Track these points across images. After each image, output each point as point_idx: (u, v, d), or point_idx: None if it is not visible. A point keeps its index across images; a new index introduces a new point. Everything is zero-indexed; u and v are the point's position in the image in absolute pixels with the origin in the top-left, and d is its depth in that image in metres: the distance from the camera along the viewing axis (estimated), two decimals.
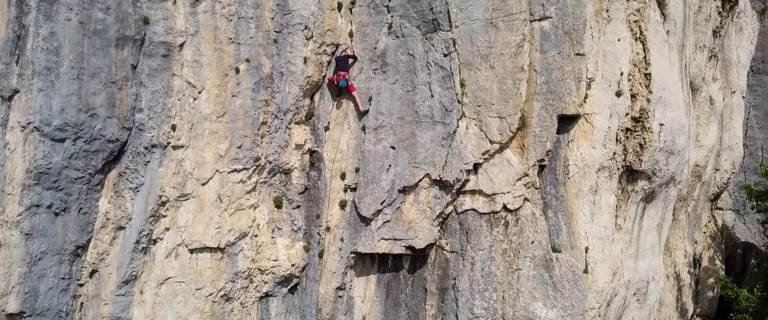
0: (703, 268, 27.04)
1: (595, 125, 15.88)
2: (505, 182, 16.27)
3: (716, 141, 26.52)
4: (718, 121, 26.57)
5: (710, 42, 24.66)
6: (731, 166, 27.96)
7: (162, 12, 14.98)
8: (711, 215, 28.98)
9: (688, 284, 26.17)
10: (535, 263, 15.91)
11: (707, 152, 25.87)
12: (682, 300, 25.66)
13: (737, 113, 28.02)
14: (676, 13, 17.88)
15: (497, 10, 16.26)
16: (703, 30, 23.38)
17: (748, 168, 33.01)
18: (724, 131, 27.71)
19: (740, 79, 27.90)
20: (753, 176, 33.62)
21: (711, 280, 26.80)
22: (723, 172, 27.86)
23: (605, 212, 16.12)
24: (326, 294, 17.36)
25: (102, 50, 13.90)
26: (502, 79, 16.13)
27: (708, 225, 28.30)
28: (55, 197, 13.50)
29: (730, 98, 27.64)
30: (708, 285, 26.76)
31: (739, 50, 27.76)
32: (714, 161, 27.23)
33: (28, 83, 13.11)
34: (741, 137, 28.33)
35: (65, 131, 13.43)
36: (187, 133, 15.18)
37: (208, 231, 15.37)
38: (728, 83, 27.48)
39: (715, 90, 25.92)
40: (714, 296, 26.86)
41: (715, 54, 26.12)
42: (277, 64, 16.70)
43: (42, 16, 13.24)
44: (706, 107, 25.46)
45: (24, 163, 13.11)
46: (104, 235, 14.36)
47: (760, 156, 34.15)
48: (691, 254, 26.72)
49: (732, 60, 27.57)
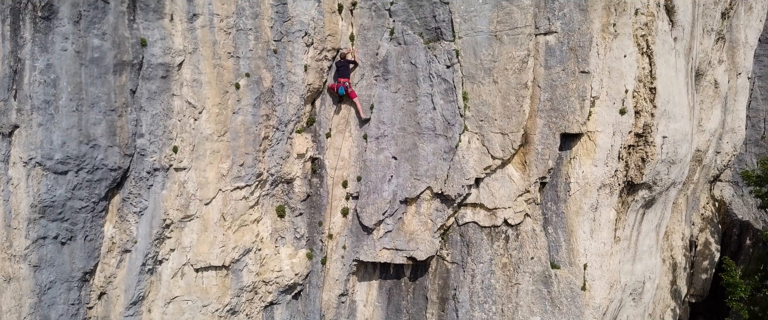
0: (698, 251, 27.45)
1: (598, 143, 15.82)
2: (506, 198, 16.35)
3: (719, 125, 26.43)
4: (722, 104, 26.40)
5: (718, 25, 24.22)
6: (732, 148, 27.95)
7: (159, 31, 14.66)
8: (710, 195, 29.17)
9: (683, 267, 26.66)
10: (534, 278, 16.21)
11: (709, 136, 25.83)
12: (676, 284, 26.22)
13: (742, 95, 27.78)
14: (684, 18, 17.48)
15: (502, 22, 15.90)
16: (711, 13, 22.92)
17: (749, 140, 32.85)
18: (727, 113, 27.55)
19: (747, 60, 27.52)
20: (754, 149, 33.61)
21: (706, 263, 27.27)
22: (724, 154, 27.88)
23: (605, 228, 16.29)
24: (329, 300, 17.77)
25: (100, 78, 13.69)
26: (505, 94, 15.94)
27: (706, 206, 28.54)
28: (60, 227, 13.63)
29: (735, 80, 27.35)
30: (702, 267, 27.26)
31: (747, 30, 27.27)
32: (715, 144, 27.21)
33: (28, 118, 13.00)
34: (744, 119, 28.17)
35: (67, 163, 13.41)
36: (188, 155, 15.15)
37: (213, 251, 15.58)
38: (734, 64, 27.14)
39: (721, 73, 25.62)
40: (707, 277, 27.40)
41: (722, 36, 25.67)
42: (278, 75, 16.47)
43: (37, 48, 12.98)
44: (711, 90, 25.23)
45: (28, 198, 13.16)
46: (111, 259, 14.57)
47: (762, 128, 33.98)
48: (687, 236, 27.10)
49: (739, 40, 27.13)
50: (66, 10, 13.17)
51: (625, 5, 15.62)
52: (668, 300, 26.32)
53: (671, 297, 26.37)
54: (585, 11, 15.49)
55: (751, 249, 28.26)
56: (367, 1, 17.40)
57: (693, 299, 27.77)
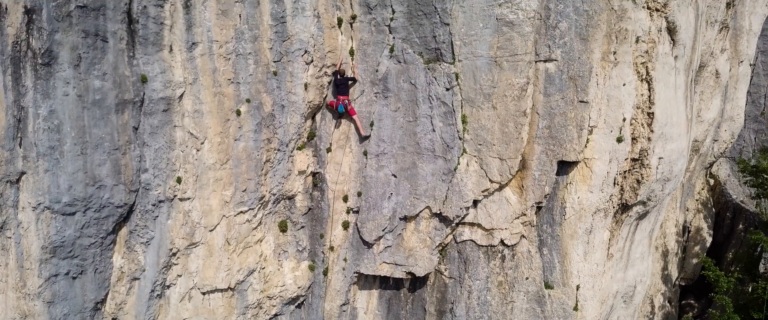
0: (690, 236, 28.08)
1: (595, 171, 16.10)
2: (503, 219, 16.77)
3: (718, 114, 26.53)
4: (722, 93, 26.41)
5: (722, 15, 24.01)
6: (730, 136, 28.12)
7: (159, 65, 14.67)
8: (705, 180, 29.54)
9: (675, 252, 27.35)
10: (528, 297, 16.83)
11: (707, 126, 26.01)
12: (667, 269, 26.98)
13: (742, 83, 27.73)
14: (686, 36, 17.37)
15: (502, 48, 15.85)
16: (715, 5, 22.73)
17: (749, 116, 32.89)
18: (727, 101, 27.56)
19: (750, 47, 27.32)
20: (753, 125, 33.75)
21: (697, 248, 27.96)
22: (721, 142, 28.09)
23: (598, 249, 16.79)
24: (331, 310, 18.48)
25: (103, 119, 13.84)
26: (504, 121, 16.09)
27: (701, 192, 28.99)
28: (71, 264, 14.10)
29: (736, 69, 27.23)
30: (694, 252, 27.97)
31: (752, 17, 26.96)
32: (713, 132, 27.35)
33: (34, 165, 13.24)
34: (743, 106, 28.21)
35: (75, 205, 13.75)
36: (192, 185, 15.45)
37: (219, 274, 16.14)
38: (737, 52, 26.96)
39: (722, 62, 25.56)
40: (698, 262, 28.14)
41: (726, 25, 25.45)
42: (278, 98, 16.56)
43: (39, 95, 13.07)
44: (711, 81, 25.24)
45: (39, 240, 13.57)
46: (120, 287, 15.13)
47: (762, 104, 34.01)
48: (681, 222, 27.67)
49: (743, 28, 26.86)
50: (66, 55, 13.18)
51: (627, 33, 15.54)
52: (659, 284, 27.17)
53: (662, 281, 27.21)
54: (586, 40, 15.44)
55: (742, 233, 28.89)
56: (367, 15, 17.25)
57: (683, 282, 28.65)
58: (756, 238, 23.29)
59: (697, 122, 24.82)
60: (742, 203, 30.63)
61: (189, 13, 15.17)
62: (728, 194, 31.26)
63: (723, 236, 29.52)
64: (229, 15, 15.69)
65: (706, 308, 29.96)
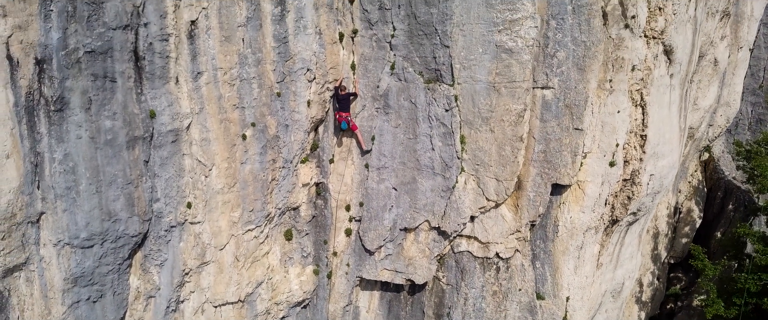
0: (681, 217, 28.97)
1: (587, 192, 16.77)
2: (498, 234, 17.59)
3: (714, 101, 26.87)
4: (720, 80, 26.67)
5: (724, 3, 24.02)
6: (725, 121, 28.56)
7: (166, 98, 15.08)
8: (699, 162, 30.14)
9: (665, 234, 28.32)
10: (520, 307, 17.88)
11: (703, 113, 26.42)
12: (657, 249, 28.04)
13: (740, 68, 27.95)
14: (683, 53, 17.63)
15: (500, 75, 16.19)
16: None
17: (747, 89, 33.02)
18: (724, 87, 27.81)
19: (750, 33, 27.41)
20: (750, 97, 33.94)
21: (687, 228, 28.91)
22: (716, 127, 28.56)
23: (588, 263, 17.69)
24: (335, 311, 19.61)
25: (115, 157, 14.39)
26: (501, 144, 16.62)
27: (693, 175, 29.65)
28: (91, 290, 15.00)
29: (735, 55, 27.37)
30: (684, 232, 28.94)
31: (754, 3, 26.95)
32: (709, 118, 27.75)
33: (52, 206, 13.90)
34: (740, 92, 28.51)
35: (92, 240, 14.50)
36: (202, 209, 16.16)
37: (229, 289, 17.11)
38: (737, 38, 27.07)
39: (722, 49, 25.71)
40: (688, 241, 29.17)
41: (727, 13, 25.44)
42: (282, 118, 17.04)
43: (54, 140, 13.57)
44: (709, 69, 25.48)
45: (60, 273, 14.41)
46: (138, 305, 16.11)
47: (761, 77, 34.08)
48: (672, 205, 28.51)
49: (745, 14, 26.88)
50: (77, 99, 13.59)
51: (623, 62, 15.84)
52: (649, 264, 28.32)
53: (652, 261, 28.35)
54: (582, 70, 15.76)
55: (732, 212, 29.74)
56: (368, 31, 17.49)
57: (672, 260, 29.78)
58: (742, 231, 24.18)
59: (693, 110, 25.19)
60: (734, 179, 31.33)
61: (193, 43, 15.44)
62: (721, 171, 31.90)
63: (713, 214, 30.39)
64: (232, 40, 15.94)
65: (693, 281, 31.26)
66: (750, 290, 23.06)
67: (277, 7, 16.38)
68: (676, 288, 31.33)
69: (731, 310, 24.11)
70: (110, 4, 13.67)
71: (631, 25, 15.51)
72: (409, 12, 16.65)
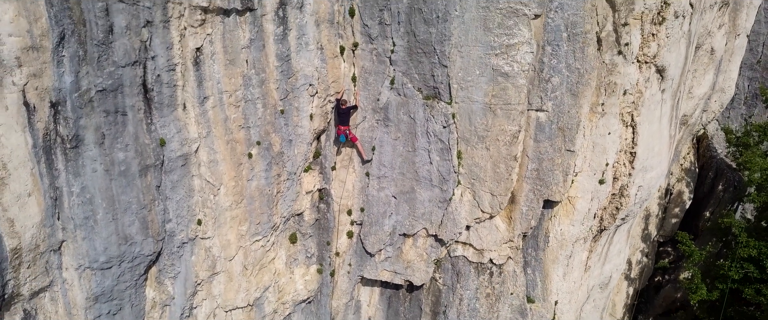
0: (672, 198, 29.89)
1: (577, 208, 17.63)
2: (492, 242, 18.57)
3: (710, 88, 27.27)
4: (716, 67, 26.99)
5: None
6: (719, 107, 29.04)
7: (175, 125, 15.71)
8: (691, 144, 30.78)
9: (656, 214, 29.31)
10: (512, 309, 19.06)
11: (697, 101, 26.91)
12: (647, 230, 29.10)
13: (737, 55, 28.21)
14: (675, 70, 18.06)
15: (496, 97, 16.74)
16: None
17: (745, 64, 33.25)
18: (720, 74, 28.13)
19: (749, 20, 27.52)
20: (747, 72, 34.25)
21: (677, 209, 29.88)
22: (710, 113, 29.06)
23: (576, 269, 18.75)
24: (338, 307, 20.85)
25: (129, 186, 15.16)
26: (496, 162, 17.34)
27: (686, 157, 30.35)
28: (111, 305, 16.10)
29: (732, 42, 27.56)
30: (674, 213, 29.92)
31: None
32: (703, 105, 28.21)
33: (72, 235, 14.78)
34: (735, 78, 28.84)
35: (111, 262, 15.47)
36: (212, 226, 17.07)
37: (239, 295, 18.24)
38: (735, 26, 27.23)
39: (719, 38, 25.95)
40: (677, 221, 30.21)
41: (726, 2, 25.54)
42: (286, 134, 17.70)
43: (71, 175, 14.31)
44: (706, 58, 25.82)
45: (82, 293, 15.45)
46: (154, 313, 17.27)
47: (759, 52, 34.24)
48: (664, 187, 29.38)
49: (744, 1, 26.89)
50: (91, 136, 14.24)
51: (615, 86, 16.36)
52: (638, 243, 29.46)
53: (641, 240, 29.46)
54: (576, 96, 16.30)
55: (722, 193, 30.61)
56: (368, 45, 17.90)
57: (661, 239, 30.91)
58: (728, 221, 25.13)
59: (687, 98, 25.67)
60: (726, 157, 32.05)
61: (199, 70, 15.92)
62: (714, 149, 32.54)
63: (703, 193, 31.25)
64: (236, 63, 16.40)
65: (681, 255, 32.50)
66: (733, 277, 24.20)
67: (279, 27, 16.73)
68: (665, 262, 32.55)
69: (714, 293, 25.37)
70: (118, 43, 14.10)
71: (624, 52, 15.94)
72: (409, 30, 17.01)
